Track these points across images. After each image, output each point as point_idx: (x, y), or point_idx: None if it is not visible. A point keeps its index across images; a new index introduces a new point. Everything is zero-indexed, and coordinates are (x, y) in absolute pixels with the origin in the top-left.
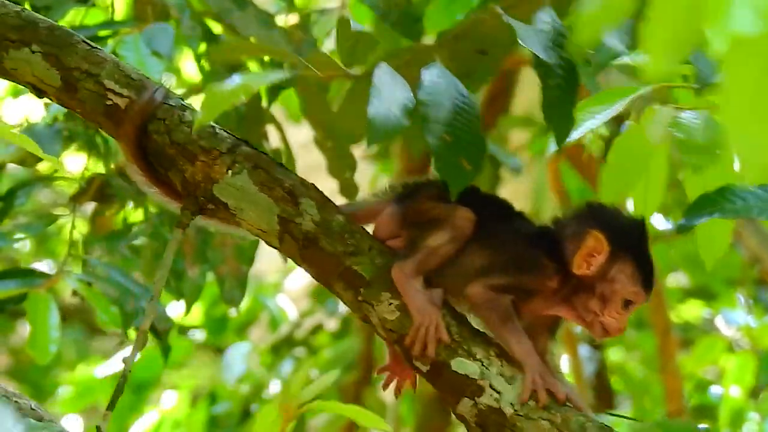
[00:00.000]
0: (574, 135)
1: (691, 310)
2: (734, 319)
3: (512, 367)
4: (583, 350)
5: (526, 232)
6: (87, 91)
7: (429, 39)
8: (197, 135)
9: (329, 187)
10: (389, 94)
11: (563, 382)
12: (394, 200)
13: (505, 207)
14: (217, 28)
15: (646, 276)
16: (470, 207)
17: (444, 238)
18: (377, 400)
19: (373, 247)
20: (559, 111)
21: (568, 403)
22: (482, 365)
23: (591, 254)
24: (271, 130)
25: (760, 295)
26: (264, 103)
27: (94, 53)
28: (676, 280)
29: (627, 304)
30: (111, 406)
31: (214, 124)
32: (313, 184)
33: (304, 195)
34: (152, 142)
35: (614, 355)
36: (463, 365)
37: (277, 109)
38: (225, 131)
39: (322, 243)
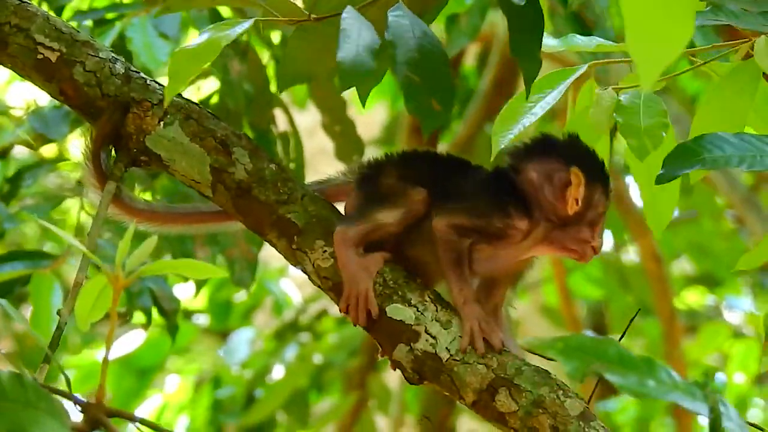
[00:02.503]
0: (524, 124)
1: (696, 297)
2: (739, 305)
3: (448, 312)
4: None
5: (488, 179)
6: (17, 45)
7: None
8: (128, 87)
9: (336, 171)
10: (357, 37)
11: (506, 331)
12: (357, 181)
13: (464, 162)
14: (224, 10)
15: (606, 184)
16: (429, 166)
17: (394, 216)
18: (382, 386)
19: (306, 194)
20: (527, 52)
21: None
22: (417, 311)
23: (573, 191)
24: (278, 115)
25: (764, 281)
26: (273, 88)
27: (24, 7)
28: (680, 266)
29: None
30: (53, 345)
31: (144, 75)
32: (245, 134)
33: (236, 144)
34: (83, 94)
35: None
36: (398, 311)
37: (283, 95)
38: (156, 82)
39: (255, 192)
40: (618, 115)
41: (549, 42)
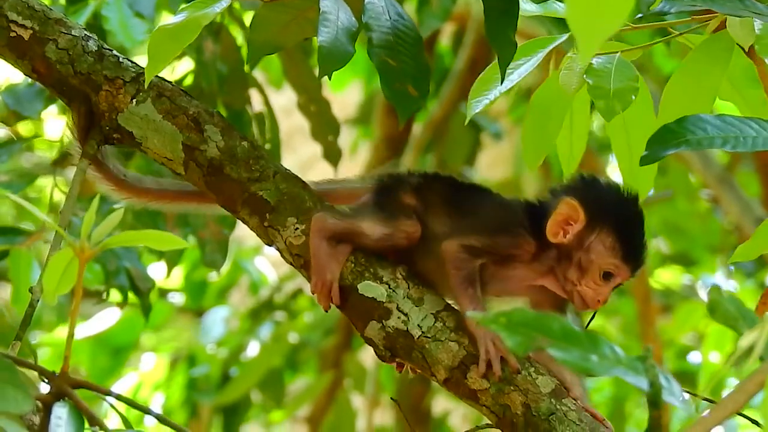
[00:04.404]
0: (500, 90)
1: (671, 276)
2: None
3: (419, 289)
4: None
5: (506, 203)
6: None
7: None
8: (101, 65)
9: (312, 150)
10: (336, 20)
11: None
12: (374, 189)
13: (485, 190)
14: None
15: (631, 249)
16: (445, 187)
17: (377, 233)
18: (357, 365)
19: (278, 172)
20: (502, 35)
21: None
22: (389, 288)
23: (567, 222)
24: (254, 94)
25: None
26: (246, 68)
27: None
28: (656, 245)
29: (607, 276)
30: (24, 323)
31: (117, 53)
32: (217, 112)
33: (209, 122)
34: (55, 72)
35: (594, 321)
36: (370, 288)
37: (258, 75)
38: (129, 60)
39: (227, 169)
40: (588, 76)
41: (528, 7)
